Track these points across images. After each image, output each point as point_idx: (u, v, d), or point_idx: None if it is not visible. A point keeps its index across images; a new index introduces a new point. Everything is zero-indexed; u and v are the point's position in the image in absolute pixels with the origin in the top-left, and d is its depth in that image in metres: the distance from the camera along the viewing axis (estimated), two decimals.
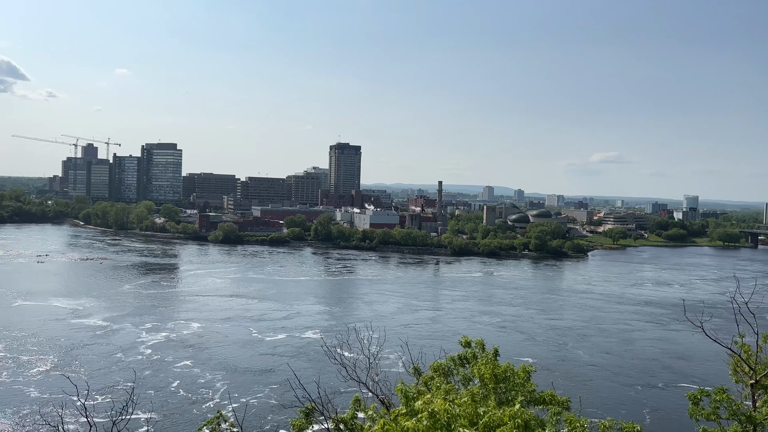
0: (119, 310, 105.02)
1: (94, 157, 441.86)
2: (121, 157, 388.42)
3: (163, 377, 69.46)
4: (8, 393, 62.14)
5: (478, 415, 11.69)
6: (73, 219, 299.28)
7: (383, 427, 11.58)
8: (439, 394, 12.99)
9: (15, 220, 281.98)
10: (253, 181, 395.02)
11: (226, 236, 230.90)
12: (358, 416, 16.26)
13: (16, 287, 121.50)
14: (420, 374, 17.23)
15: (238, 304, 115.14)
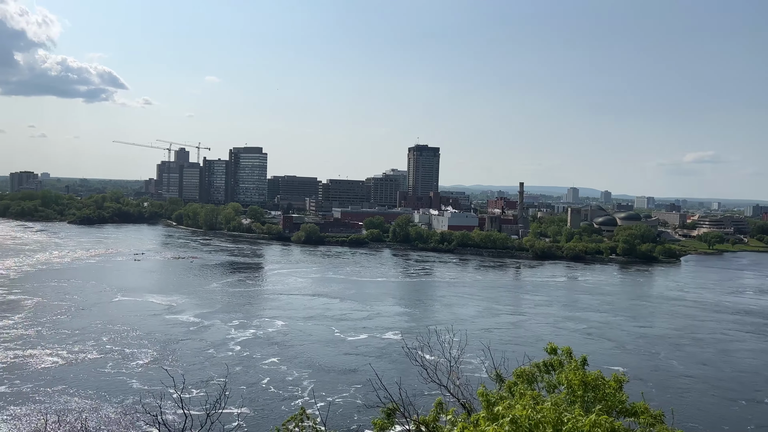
0: (209, 307, 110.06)
1: (186, 160, 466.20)
2: (210, 160, 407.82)
3: (252, 373, 71.70)
4: (113, 383, 66.29)
5: (562, 422, 11.29)
6: (166, 219, 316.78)
7: (463, 431, 11.43)
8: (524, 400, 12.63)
9: (115, 221, 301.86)
10: (333, 183, 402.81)
11: (308, 237, 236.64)
12: (440, 419, 16.12)
13: (115, 283, 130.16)
14: (502, 380, 16.84)
15: (320, 304, 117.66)
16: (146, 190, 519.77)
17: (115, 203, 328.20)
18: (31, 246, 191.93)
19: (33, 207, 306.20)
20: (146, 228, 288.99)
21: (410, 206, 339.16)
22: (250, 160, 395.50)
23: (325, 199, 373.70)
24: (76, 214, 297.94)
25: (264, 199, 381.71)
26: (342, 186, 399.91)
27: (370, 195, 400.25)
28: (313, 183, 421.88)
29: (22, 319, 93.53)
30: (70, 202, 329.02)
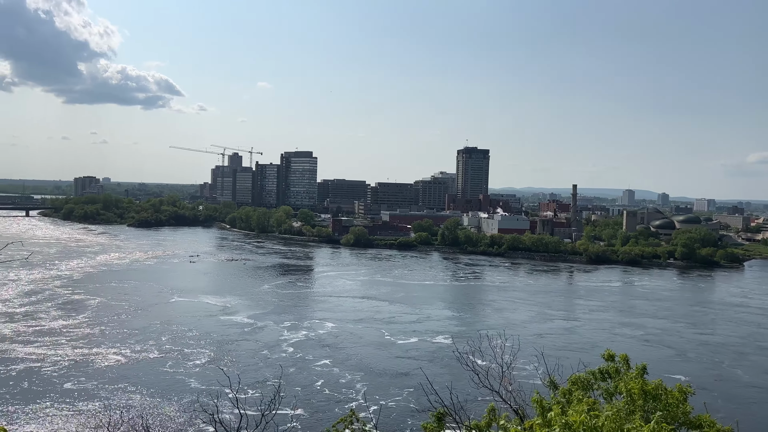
0: (261, 308, 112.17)
1: (239, 165, 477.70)
2: (262, 165, 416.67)
3: (306, 375, 72.41)
4: (173, 382, 68.29)
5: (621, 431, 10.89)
6: (220, 222, 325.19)
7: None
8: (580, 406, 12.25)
9: (171, 223, 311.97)
10: (382, 186, 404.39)
11: (357, 240, 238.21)
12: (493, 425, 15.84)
13: (172, 285, 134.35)
14: (556, 387, 16.42)
15: (369, 306, 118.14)
16: (201, 193, 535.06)
17: (171, 207, 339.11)
18: (92, 248, 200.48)
19: (95, 210, 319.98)
20: (201, 231, 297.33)
21: (459, 209, 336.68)
22: (300, 164, 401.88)
23: (373, 202, 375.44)
24: (134, 217, 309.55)
25: (314, 202, 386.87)
26: (390, 189, 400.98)
27: (418, 198, 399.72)
28: (362, 186, 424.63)
29: (86, 318, 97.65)
30: (129, 206, 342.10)
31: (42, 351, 77.64)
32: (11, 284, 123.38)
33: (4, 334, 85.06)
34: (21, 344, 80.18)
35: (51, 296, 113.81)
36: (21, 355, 75.42)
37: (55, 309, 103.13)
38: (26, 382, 66.14)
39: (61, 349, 78.86)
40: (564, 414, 11.07)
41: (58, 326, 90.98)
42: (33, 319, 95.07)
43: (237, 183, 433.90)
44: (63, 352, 77.58)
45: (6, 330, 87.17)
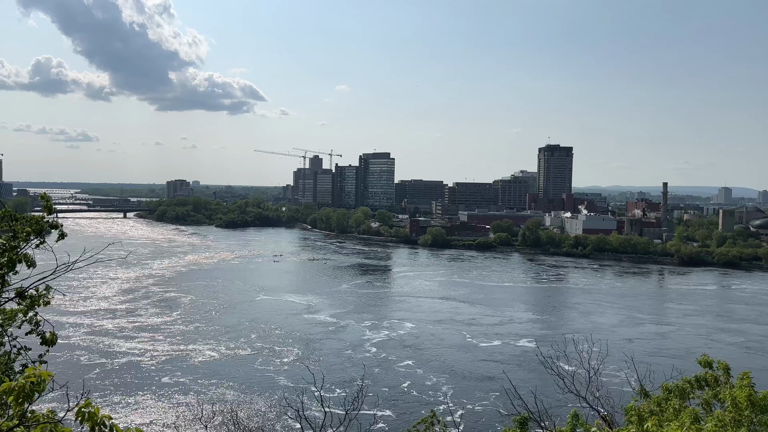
0: (342, 307, 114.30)
1: (320, 167, 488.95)
2: (342, 166, 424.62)
3: (391, 376, 73.07)
4: (262, 378, 70.97)
5: None
6: (302, 223, 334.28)
7: None
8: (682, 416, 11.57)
9: (256, 224, 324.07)
10: (460, 186, 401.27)
11: (435, 240, 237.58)
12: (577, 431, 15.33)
13: (257, 283, 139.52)
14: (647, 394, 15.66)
15: (448, 307, 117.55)
16: (284, 195, 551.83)
17: (256, 208, 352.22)
18: (183, 248, 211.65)
19: (186, 212, 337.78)
20: (284, 231, 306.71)
21: (541, 209, 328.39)
22: (378, 165, 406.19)
23: (451, 202, 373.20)
24: (222, 218, 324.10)
25: (392, 203, 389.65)
26: (468, 189, 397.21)
27: (497, 198, 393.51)
28: (440, 186, 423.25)
29: (180, 315, 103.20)
30: (217, 208, 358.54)
31: (141, 346, 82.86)
32: (111, 282, 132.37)
33: (108, 329, 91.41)
34: (123, 339, 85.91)
35: (147, 294, 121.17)
36: (123, 350, 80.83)
37: (151, 306, 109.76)
38: (128, 375, 70.83)
39: (159, 345, 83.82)
40: (661, 426, 10.50)
41: (155, 323, 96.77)
42: (132, 315, 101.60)
43: (317, 185, 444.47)
44: (161, 348, 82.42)
45: (110, 326, 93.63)
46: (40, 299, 10.08)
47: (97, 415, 5.05)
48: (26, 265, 9.58)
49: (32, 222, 9.65)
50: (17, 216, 9.70)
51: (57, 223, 9.88)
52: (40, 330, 10.41)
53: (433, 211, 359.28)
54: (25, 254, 9.51)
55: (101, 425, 5.06)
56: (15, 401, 4.67)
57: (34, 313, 10.15)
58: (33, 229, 9.59)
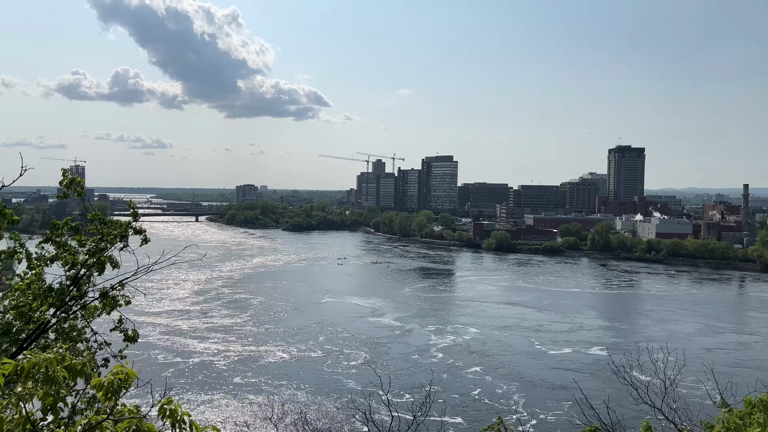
0: (406, 311, 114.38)
1: (382, 171, 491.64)
2: (404, 170, 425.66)
3: (460, 382, 72.47)
4: (331, 381, 72.03)
5: None
6: (365, 227, 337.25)
7: None
8: None
9: (321, 228, 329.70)
10: (525, 189, 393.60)
11: (499, 244, 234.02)
12: None
13: (322, 286, 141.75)
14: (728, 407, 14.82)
15: (514, 313, 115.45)
16: (348, 199, 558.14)
17: (321, 212, 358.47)
18: (251, 250, 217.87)
19: (254, 216, 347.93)
20: (348, 234, 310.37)
21: (611, 212, 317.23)
22: (441, 168, 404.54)
23: (516, 205, 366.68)
24: (288, 221, 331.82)
25: (455, 206, 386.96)
26: (534, 192, 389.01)
27: (565, 201, 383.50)
28: (504, 189, 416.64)
29: (250, 316, 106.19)
30: (283, 211, 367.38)
31: (215, 346, 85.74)
32: (184, 284, 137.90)
33: (183, 329, 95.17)
34: (197, 340, 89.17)
35: (217, 295, 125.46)
36: (198, 350, 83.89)
37: (222, 307, 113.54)
38: (202, 374, 73.48)
39: (231, 345, 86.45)
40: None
41: (227, 324, 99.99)
42: (205, 316, 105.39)
43: (380, 188, 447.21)
44: (233, 348, 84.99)
45: (184, 326, 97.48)
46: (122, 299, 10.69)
47: (177, 412, 5.26)
48: (111, 267, 10.20)
49: (118, 226, 10.25)
50: (105, 220, 10.32)
51: (141, 228, 10.43)
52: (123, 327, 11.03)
53: (497, 214, 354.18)
54: (110, 256, 10.12)
55: (181, 422, 5.26)
56: (104, 396, 4.95)
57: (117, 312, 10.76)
58: (118, 233, 10.17)
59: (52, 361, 4.87)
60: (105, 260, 9.99)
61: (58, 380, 4.82)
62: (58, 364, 4.92)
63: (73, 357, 5.23)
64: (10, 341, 9.41)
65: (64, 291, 10.07)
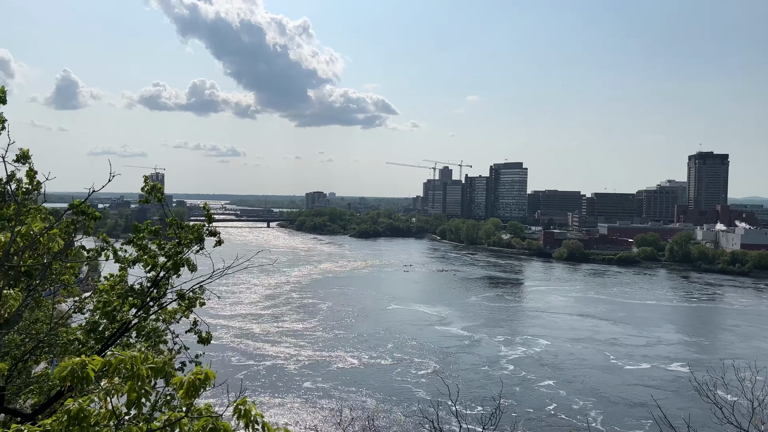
0: (473, 320, 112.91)
1: (449, 178, 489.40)
2: (471, 177, 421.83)
3: (533, 396, 70.84)
4: (400, 389, 71.97)
5: None
6: (431, 234, 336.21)
7: None
8: None
9: (387, 234, 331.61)
10: (599, 197, 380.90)
11: (571, 254, 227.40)
12: None
13: (389, 292, 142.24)
14: None
15: (587, 325, 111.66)
16: (414, 206, 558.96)
17: (387, 219, 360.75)
18: (319, 256, 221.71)
19: (322, 222, 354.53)
20: (413, 242, 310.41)
21: (691, 221, 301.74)
22: (510, 175, 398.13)
23: (589, 214, 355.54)
24: (355, 228, 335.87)
25: (524, 214, 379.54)
26: (609, 200, 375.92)
27: (641, 209, 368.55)
28: (576, 197, 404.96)
29: (319, 322, 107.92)
30: (351, 218, 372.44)
31: (286, 350, 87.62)
32: (255, 288, 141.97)
33: (255, 333, 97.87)
34: (269, 343, 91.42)
35: (287, 300, 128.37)
36: (269, 353, 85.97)
37: (292, 312, 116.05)
38: (273, 377, 75.27)
39: (302, 350, 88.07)
40: None
41: (297, 328, 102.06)
42: (276, 320, 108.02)
43: (447, 196, 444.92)
44: (303, 353, 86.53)
45: (257, 330, 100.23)
46: (197, 300, 11.13)
47: (251, 412, 5.39)
48: (188, 269, 10.65)
49: (194, 230, 10.71)
50: (182, 224, 10.81)
51: (215, 230, 10.87)
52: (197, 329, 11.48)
53: (568, 223, 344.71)
54: (187, 258, 10.58)
55: (254, 422, 5.39)
56: (185, 395, 5.15)
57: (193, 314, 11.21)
58: (194, 236, 10.61)
59: (137, 359, 5.11)
60: (182, 263, 10.45)
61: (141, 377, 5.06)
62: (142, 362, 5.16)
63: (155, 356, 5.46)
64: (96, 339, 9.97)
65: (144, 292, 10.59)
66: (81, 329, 10.23)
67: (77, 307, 11.20)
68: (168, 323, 11.37)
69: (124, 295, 10.29)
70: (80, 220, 10.25)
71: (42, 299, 13.31)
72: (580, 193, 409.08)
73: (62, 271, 10.90)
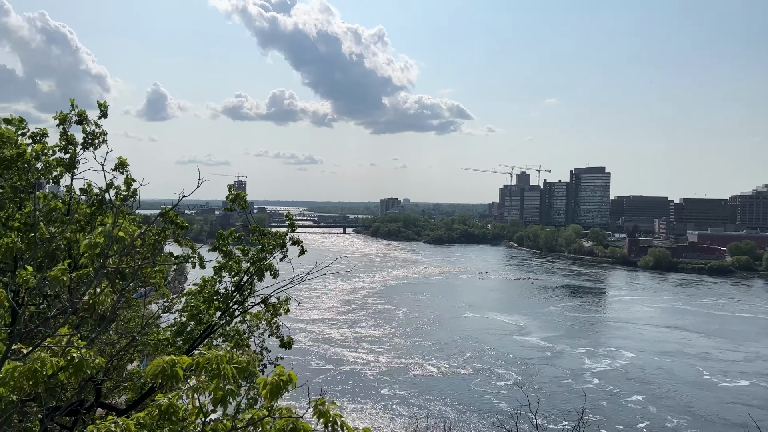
0: (552, 330, 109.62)
1: (527, 183, 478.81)
2: (550, 183, 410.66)
3: (622, 412, 68.25)
4: (479, 401, 70.94)
5: None
6: (508, 241, 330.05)
7: None
8: None
9: (462, 241, 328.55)
10: (688, 203, 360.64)
11: (657, 262, 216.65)
12: None
13: (464, 299, 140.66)
14: None
15: (675, 338, 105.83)
16: (490, 212, 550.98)
17: (462, 225, 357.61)
18: (394, 262, 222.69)
19: (397, 228, 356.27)
20: (489, 248, 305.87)
21: None
22: (591, 180, 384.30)
23: (677, 220, 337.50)
24: (429, 234, 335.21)
25: (606, 221, 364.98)
26: (699, 205, 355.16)
27: (735, 216, 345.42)
28: (663, 203, 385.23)
29: (395, 328, 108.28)
30: (425, 224, 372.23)
31: (363, 356, 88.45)
32: (331, 293, 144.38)
33: (334, 338, 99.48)
34: (346, 349, 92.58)
35: (363, 305, 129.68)
36: (347, 359, 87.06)
37: (368, 317, 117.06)
38: (351, 382, 76.20)
39: (379, 357, 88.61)
40: None
41: (374, 334, 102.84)
42: (353, 326, 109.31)
43: (524, 201, 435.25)
44: (381, 360, 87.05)
45: (335, 334, 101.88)
46: (281, 307, 11.50)
47: (330, 413, 5.46)
48: (271, 275, 11.04)
49: (277, 237, 11.09)
50: (265, 231, 11.21)
51: (298, 239, 11.18)
52: (279, 333, 11.85)
53: (655, 230, 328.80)
54: (270, 264, 10.96)
55: (333, 422, 5.45)
56: (268, 395, 5.30)
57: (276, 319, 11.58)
58: (277, 243, 10.98)
59: (222, 358, 5.30)
60: (265, 268, 10.84)
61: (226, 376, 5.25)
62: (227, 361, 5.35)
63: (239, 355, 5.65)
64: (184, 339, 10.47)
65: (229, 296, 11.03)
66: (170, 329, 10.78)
67: (166, 307, 11.83)
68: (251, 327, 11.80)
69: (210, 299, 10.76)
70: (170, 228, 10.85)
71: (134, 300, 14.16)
72: (667, 199, 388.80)
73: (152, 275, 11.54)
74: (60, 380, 6.18)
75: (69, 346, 6.07)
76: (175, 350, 9.99)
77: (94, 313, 8.13)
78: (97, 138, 10.49)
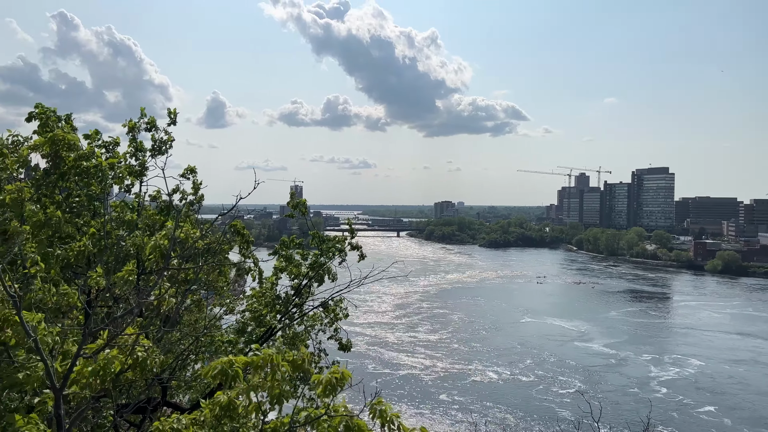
0: (614, 336, 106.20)
1: (586, 185, 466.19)
2: (611, 184, 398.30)
3: (693, 423, 66.01)
4: (541, 408, 69.74)
5: None
6: (566, 244, 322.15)
7: None
8: None
9: (518, 244, 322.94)
10: (759, 203, 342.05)
11: (726, 266, 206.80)
12: None
13: (521, 304, 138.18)
14: None
15: (748, 345, 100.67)
16: (547, 215, 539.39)
17: (518, 228, 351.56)
18: (448, 266, 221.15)
19: (451, 231, 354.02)
20: (547, 252, 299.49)
21: None
22: (654, 181, 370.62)
23: (748, 222, 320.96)
24: (485, 238, 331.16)
25: (671, 223, 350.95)
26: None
27: None
28: (732, 204, 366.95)
29: (451, 333, 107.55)
30: (480, 227, 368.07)
31: (420, 361, 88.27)
32: (386, 297, 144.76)
33: (390, 342, 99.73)
34: (403, 353, 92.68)
35: (418, 309, 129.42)
36: (404, 363, 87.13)
37: (424, 322, 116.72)
38: (408, 386, 76.18)
39: (437, 361, 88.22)
40: None
41: (431, 339, 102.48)
42: (409, 330, 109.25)
43: (584, 204, 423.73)
44: (438, 364, 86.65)
45: (391, 338, 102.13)
46: (340, 310, 11.74)
47: (387, 412, 5.47)
48: (330, 279, 11.26)
49: (336, 243, 11.32)
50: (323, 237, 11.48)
51: (358, 245, 11.37)
52: (338, 337, 12.05)
53: (723, 232, 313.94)
54: (329, 268, 11.18)
55: (390, 422, 5.46)
56: (323, 393, 5.39)
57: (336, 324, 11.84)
58: (336, 248, 11.19)
59: (277, 357, 5.43)
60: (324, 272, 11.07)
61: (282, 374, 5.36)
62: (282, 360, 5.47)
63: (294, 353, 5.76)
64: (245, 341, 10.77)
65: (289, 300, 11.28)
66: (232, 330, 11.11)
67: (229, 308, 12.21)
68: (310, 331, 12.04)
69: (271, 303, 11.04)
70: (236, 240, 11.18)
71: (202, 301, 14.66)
72: (736, 200, 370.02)
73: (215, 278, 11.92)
74: (127, 378, 6.45)
75: (135, 345, 6.33)
76: (237, 351, 10.26)
77: (159, 313, 8.45)
78: (165, 145, 10.91)
